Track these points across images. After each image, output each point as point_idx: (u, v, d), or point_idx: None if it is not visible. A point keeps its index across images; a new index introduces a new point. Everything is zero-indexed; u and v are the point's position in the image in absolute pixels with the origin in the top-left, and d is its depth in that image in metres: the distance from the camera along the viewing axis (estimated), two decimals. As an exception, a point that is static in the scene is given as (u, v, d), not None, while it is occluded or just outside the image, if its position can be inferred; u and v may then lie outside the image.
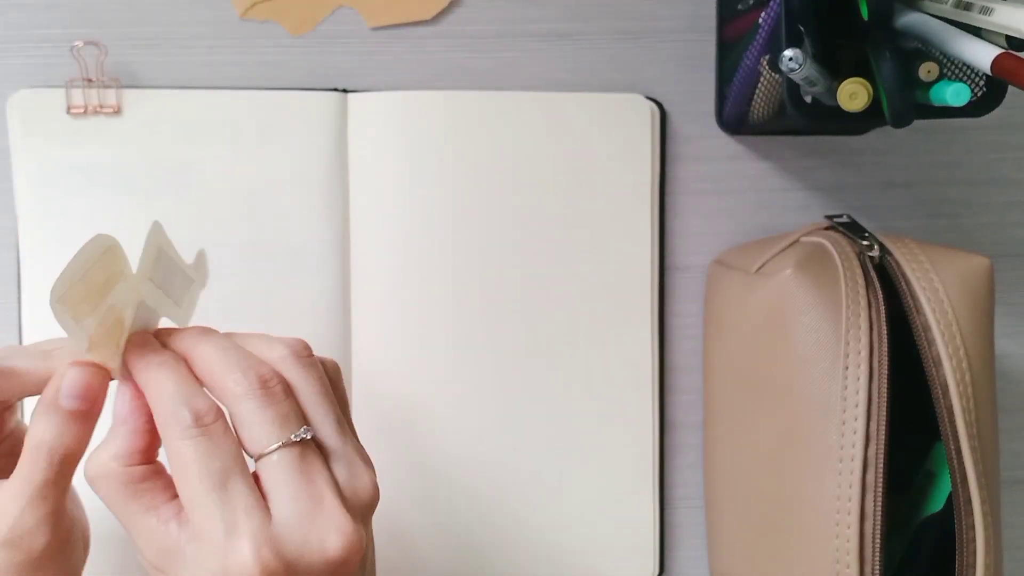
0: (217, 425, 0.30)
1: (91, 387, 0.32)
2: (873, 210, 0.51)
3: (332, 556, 0.29)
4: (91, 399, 0.32)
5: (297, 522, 0.29)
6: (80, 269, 0.30)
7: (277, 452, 0.30)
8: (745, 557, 0.43)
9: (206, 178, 0.46)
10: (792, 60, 0.35)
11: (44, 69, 0.46)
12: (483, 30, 0.48)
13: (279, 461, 0.30)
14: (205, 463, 0.29)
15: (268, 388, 0.31)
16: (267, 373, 0.31)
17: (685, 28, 0.49)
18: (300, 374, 0.32)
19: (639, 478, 0.49)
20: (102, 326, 0.31)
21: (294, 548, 0.29)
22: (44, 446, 0.31)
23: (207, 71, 0.47)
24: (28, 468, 0.31)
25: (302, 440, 0.30)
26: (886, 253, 0.39)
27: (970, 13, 0.36)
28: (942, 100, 0.37)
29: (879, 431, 0.36)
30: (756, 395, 0.42)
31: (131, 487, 0.30)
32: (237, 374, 0.31)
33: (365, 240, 0.47)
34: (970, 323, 0.37)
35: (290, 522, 0.29)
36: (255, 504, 0.29)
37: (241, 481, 0.30)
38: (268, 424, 0.30)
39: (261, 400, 0.30)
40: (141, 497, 0.30)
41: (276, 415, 0.30)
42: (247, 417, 0.30)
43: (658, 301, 0.49)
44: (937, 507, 0.41)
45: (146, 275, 0.33)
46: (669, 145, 0.49)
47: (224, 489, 0.29)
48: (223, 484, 0.29)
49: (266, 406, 0.30)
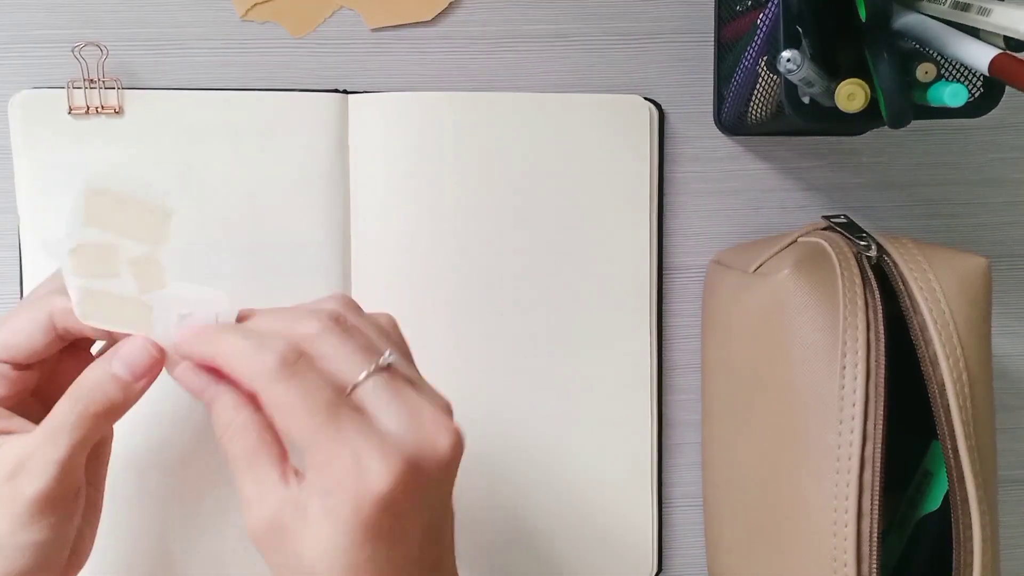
0: (302, 362, 0.31)
1: (144, 364, 0.33)
2: (871, 210, 0.51)
3: (444, 454, 0.31)
4: (139, 374, 0.33)
5: (409, 431, 0.30)
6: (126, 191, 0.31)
7: (371, 379, 0.31)
8: (743, 555, 0.43)
9: (207, 179, 0.46)
10: (790, 61, 0.36)
11: (46, 70, 0.46)
12: (483, 31, 0.48)
13: (374, 386, 0.31)
14: (310, 400, 0.30)
15: (342, 324, 0.32)
16: (336, 310, 0.32)
17: (684, 29, 0.49)
18: (357, 319, 0.33)
19: (637, 477, 0.49)
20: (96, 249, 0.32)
21: (413, 453, 0.30)
22: (79, 392, 0.32)
23: (208, 72, 0.47)
24: (57, 408, 0.32)
25: (388, 365, 0.31)
26: (883, 253, 0.39)
27: (968, 14, 0.36)
28: (940, 101, 0.37)
29: (876, 430, 0.36)
30: (754, 394, 0.42)
31: (262, 436, 0.31)
32: (310, 318, 0.32)
33: (365, 240, 0.47)
34: (967, 323, 0.37)
35: (403, 433, 0.30)
36: (367, 425, 0.30)
37: (346, 408, 0.30)
38: (354, 354, 0.31)
39: (341, 335, 0.31)
40: (271, 450, 0.31)
41: (359, 346, 0.31)
42: (331, 352, 0.31)
43: (656, 300, 0.49)
44: (934, 506, 0.41)
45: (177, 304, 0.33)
46: (668, 146, 0.49)
47: (336, 418, 0.30)
48: (333, 414, 0.30)
49: (347, 339, 0.31)
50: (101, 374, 0.32)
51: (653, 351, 0.49)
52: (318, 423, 0.30)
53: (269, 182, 0.46)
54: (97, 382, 0.32)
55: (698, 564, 0.51)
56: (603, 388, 0.48)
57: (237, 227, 0.46)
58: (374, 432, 0.30)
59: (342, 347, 0.31)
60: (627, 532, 0.49)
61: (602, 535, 0.49)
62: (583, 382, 0.48)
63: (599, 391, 0.48)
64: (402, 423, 0.31)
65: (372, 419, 0.31)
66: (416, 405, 0.31)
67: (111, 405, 0.32)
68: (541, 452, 0.48)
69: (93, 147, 0.45)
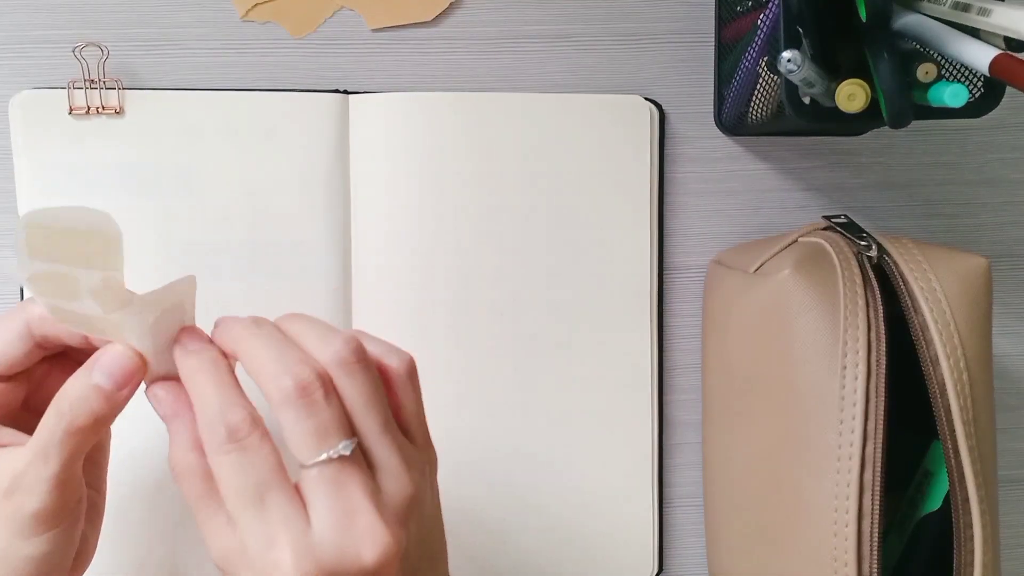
0: (253, 438, 0.30)
1: (125, 372, 0.32)
2: (871, 210, 0.51)
3: (368, 564, 0.30)
4: (121, 383, 0.32)
5: (334, 534, 0.29)
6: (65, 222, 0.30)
7: (316, 467, 0.30)
8: (743, 555, 0.43)
9: (207, 179, 0.46)
10: (791, 61, 0.36)
11: (46, 70, 0.46)
12: (483, 32, 0.49)
13: (318, 475, 0.30)
14: (241, 479, 0.30)
15: (308, 396, 0.30)
16: (308, 378, 0.30)
17: (684, 30, 0.49)
18: (347, 378, 0.31)
19: (638, 477, 0.49)
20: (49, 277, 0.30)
21: (332, 558, 0.29)
22: (63, 406, 0.31)
23: (209, 72, 0.47)
24: (43, 424, 0.32)
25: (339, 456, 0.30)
26: (884, 253, 0.39)
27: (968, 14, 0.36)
28: (940, 101, 0.37)
29: (877, 430, 0.36)
30: (754, 394, 0.42)
31: (208, 483, 0.31)
32: (279, 379, 0.30)
33: (365, 240, 0.47)
34: (968, 323, 0.37)
35: (327, 534, 0.29)
36: (294, 515, 0.30)
37: (279, 493, 0.30)
38: (307, 436, 0.30)
39: (300, 411, 0.30)
40: (216, 494, 0.31)
41: (315, 427, 0.30)
42: (287, 426, 0.30)
43: (657, 301, 0.49)
44: (935, 506, 0.41)
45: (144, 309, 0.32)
46: (668, 146, 0.50)
47: (261, 502, 0.29)
48: (260, 498, 0.29)
49: (305, 417, 0.30)
50: (83, 386, 0.31)
51: (653, 351, 0.49)
52: (243, 503, 0.29)
53: (269, 182, 0.46)
54: (80, 394, 0.31)
55: (698, 564, 0.51)
56: (603, 388, 0.48)
57: (237, 227, 0.46)
58: (298, 526, 0.29)
59: (298, 424, 0.30)
60: (628, 532, 0.49)
61: (602, 535, 0.49)
62: (583, 382, 0.48)
63: (599, 391, 0.48)
64: (329, 524, 0.29)
65: (307, 507, 0.30)
66: (353, 506, 0.30)
67: (96, 417, 0.32)
68: (541, 452, 0.48)
69: (93, 147, 0.46)
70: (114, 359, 0.32)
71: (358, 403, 0.31)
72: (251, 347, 0.32)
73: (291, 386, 0.30)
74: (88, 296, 0.31)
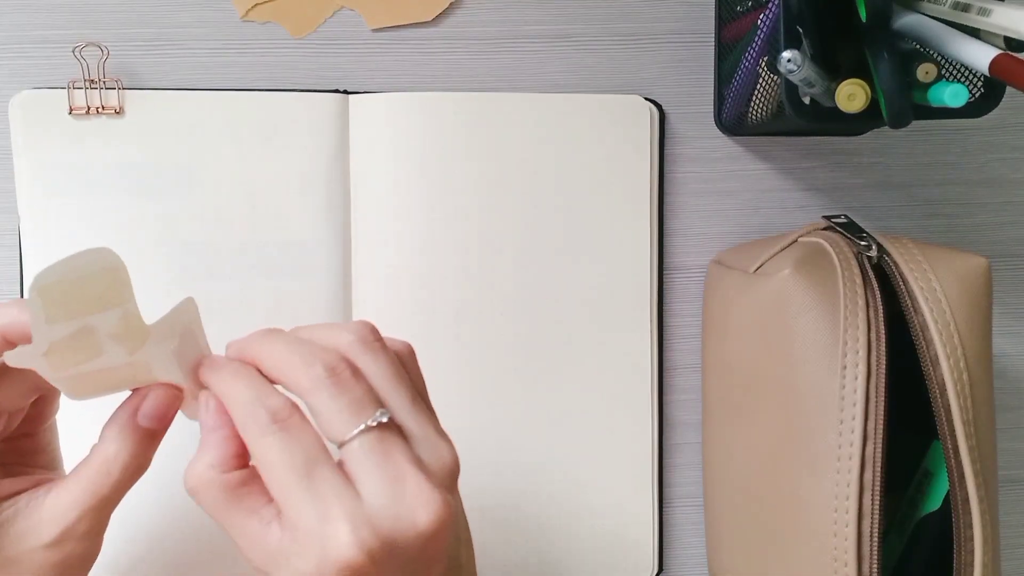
0: (294, 419, 0.30)
1: (171, 408, 0.33)
2: (871, 210, 0.51)
3: (424, 529, 0.30)
4: (168, 420, 0.33)
5: (387, 501, 0.29)
6: (74, 272, 0.29)
7: (357, 439, 0.30)
8: (743, 555, 0.43)
9: (207, 179, 0.46)
10: (790, 61, 0.36)
11: (46, 70, 0.46)
12: (483, 32, 0.49)
13: (360, 447, 0.30)
14: (288, 456, 0.30)
15: (337, 375, 0.31)
16: (333, 360, 0.31)
17: (684, 30, 0.49)
18: (369, 358, 0.32)
19: (638, 477, 0.49)
20: (71, 340, 0.30)
21: (388, 525, 0.29)
22: (117, 461, 0.32)
23: (209, 72, 0.47)
24: (95, 479, 0.32)
25: (379, 424, 0.30)
26: (884, 253, 0.39)
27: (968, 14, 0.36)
28: (940, 101, 0.37)
29: (877, 430, 0.36)
30: (754, 394, 0.42)
31: (231, 493, 0.31)
32: (305, 367, 0.31)
33: (366, 240, 0.47)
34: (968, 323, 0.37)
35: (380, 501, 0.29)
36: (344, 488, 0.29)
37: (326, 468, 0.30)
38: (343, 412, 0.30)
39: (332, 389, 0.30)
40: (242, 501, 0.31)
41: (350, 402, 0.30)
42: (322, 408, 0.30)
43: (657, 301, 0.49)
44: (935, 506, 0.41)
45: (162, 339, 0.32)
46: (668, 146, 0.50)
47: (311, 478, 0.29)
48: (309, 473, 0.29)
49: (338, 395, 0.30)
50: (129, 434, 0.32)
51: (653, 351, 0.49)
52: (292, 479, 0.29)
53: (269, 182, 0.46)
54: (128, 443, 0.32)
55: (699, 564, 0.51)
56: (603, 388, 0.48)
57: (237, 227, 0.46)
58: (349, 497, 0.29)
59: (333, 402, 0.30)
60: (628, 532, 0.49)
61: (603, 535, 0.49)
62: (583, 382, 0.48)
63: (599, 391, 0.48)
64: (381, 492, 0.29)
65: (354, 482, 0.30)
66: (401, 472, 0.30)
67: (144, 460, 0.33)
68: (541, 452, 0.48)
69: (93, 147, 0.46)
70: (157, 404, 0.33)
71: (384, 378, 0.32)
72: (271, 350, 0.32)
73: (320, 370, 0.30)
74: (110, 343, 0.30)
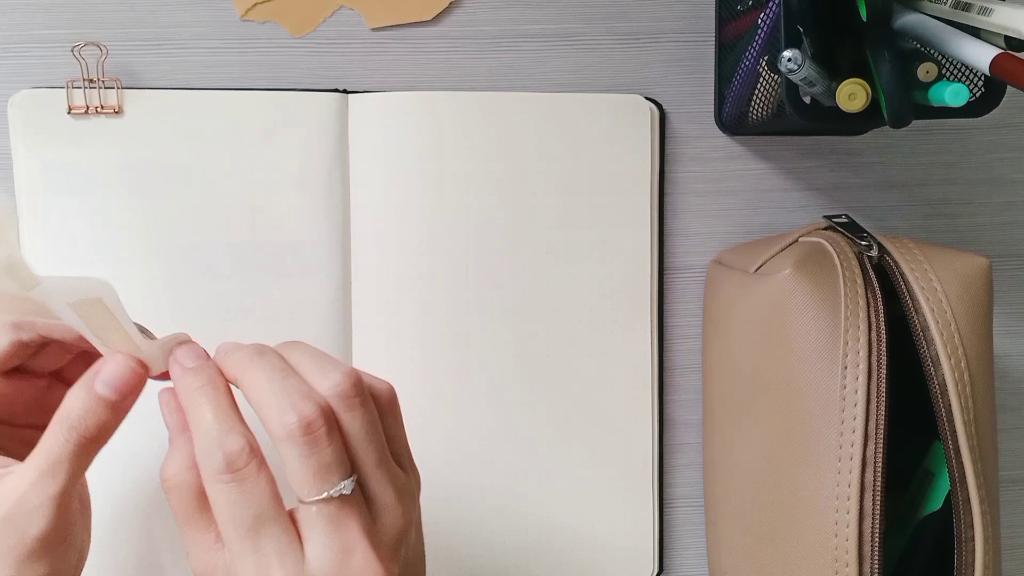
0: (250, 467, 0.30)
1: (128, 382, 0.32)
2: (872, 210, 0.51)
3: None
4: (124, 393, 0.32)
5: (329, 570, 0.30)
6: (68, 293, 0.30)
7: (316, 504, 0.30)
8: (744, 556, 0.43)
9: (207, 178, 0.46)
10: (791, 61, 0.36)
11: (45, 69, 0.46)
12: (483, 31, 0.48)
13: (317, 512, 0.30)
14: (237, 511, 0.30)
15: (311, 433, 0.30)
16: (311, 415, 0.30)
17: (685, 29, 0.49)
18: (347, 416, 0.31)
19: (639, 477, 0.49)
20: None
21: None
22: (67, 421, 0.31)
23: (208, 72, 0.47)
24: (46, 441, 0.31)
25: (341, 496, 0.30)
26: (885, 253, 0.39)
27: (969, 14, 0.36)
28: (941, 100, 0.37)
29: (878, 430, 0.36)
30: (755, 394, 0.42)
31: (200, 501, 0.31)
32: (279, 415, 0.30)
33: (365, 240, 0.47)
34: (968, 323, 0.37)
35: (323, 570, 0.30)
36: (289, 549, 0.30)
37: (275, 526, 0.30)
38: (309, 475, 0.30)
39: (303, 448, 0.30)
40: (204, 513, 0.31)
41: (317, 466, 0.30)
42: (289, 462, 0.30)
43: (657, 301, 0.49)
44: (936, 506, 0.41)
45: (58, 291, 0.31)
46: (669, 145, 0.49)
47: (257, 535, 0.30)
48: (256, 529, 0.30)
49: (308, 455, 0.30)
50: (87, 398, 0.31)
51: (654, 351, 0.49)
52: (238, 534, 0.29)
53: (269, 182, 0.46)
54: (85, 407, 0.31)
55: (699, 564, 0.51)
56: (604, 388, 0.48)
57: (237, 227, 0.46)
58: (293, 560, 0.29)
59: (301, 461, 0.30)
60: (628, 532, 0.49)
61: (603, 535, 0.49)
62: (584, 382, 0.48)
63: (600, 391, 0.48)
64: (327, 560, 0.30)
65: (302, 539, 0.30)
66: (351, 544, 0.30)
67: (103, 428, 0.32)
68: (541, 452, 0.48)
69: (93, 147, 0.45)
70: (115, 370, 0.32)
71: (358, 437, 0.32)
72: (254, 378, 0.32)
73: (295, 423, 0.30)
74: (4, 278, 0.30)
